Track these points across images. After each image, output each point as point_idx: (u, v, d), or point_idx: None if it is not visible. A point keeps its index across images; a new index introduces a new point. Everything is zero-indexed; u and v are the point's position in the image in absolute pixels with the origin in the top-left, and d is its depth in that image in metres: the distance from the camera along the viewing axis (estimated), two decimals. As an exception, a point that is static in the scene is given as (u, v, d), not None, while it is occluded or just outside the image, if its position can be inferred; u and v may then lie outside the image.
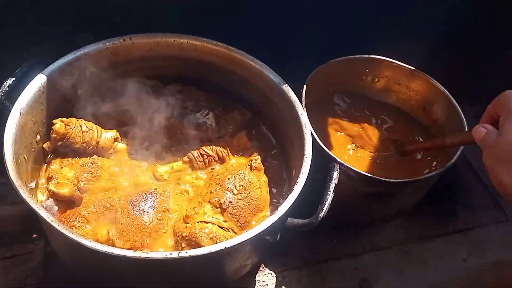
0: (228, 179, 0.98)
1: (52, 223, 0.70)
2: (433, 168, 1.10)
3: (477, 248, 1.18)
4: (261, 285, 1.03)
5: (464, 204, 1.27)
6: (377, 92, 1.25)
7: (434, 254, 1.15)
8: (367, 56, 1.18)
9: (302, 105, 0.99)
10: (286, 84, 1.03)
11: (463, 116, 1.09)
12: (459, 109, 1.10)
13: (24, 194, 0.73)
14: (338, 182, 0.89)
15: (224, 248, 0.73)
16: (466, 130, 1.07)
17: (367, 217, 1.11)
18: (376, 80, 1.23)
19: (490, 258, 1.17)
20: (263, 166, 1.05)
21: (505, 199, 0.69)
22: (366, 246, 1.14)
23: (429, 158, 1.13)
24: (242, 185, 0.97)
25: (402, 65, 1.19)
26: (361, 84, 1.23)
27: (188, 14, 1.13)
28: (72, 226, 0.88)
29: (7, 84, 0.90)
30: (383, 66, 1.20)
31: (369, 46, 1.18)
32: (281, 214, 0.80)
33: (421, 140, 1.19)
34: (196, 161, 1.04)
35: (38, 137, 0.96)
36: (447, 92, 1.14)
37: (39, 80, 0.93)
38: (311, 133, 0.93)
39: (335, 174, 0.87)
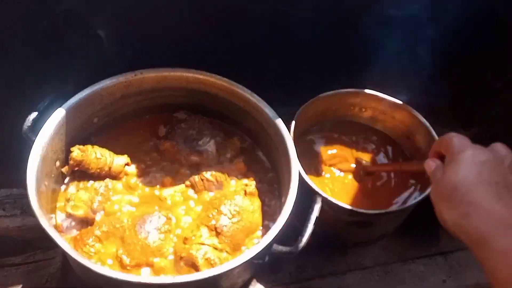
0: (224, 204, 1.09)
1: (68, 251, 0.83)
2: (417, 191, 1.19)
3: (456, 271, 1.26)
4: (252, 299, 1.14)
5: (447, 227, 1.35)
6: (364, 120, 1.34)
7: (414, 274, 1.24)
8: (353, 90, 1.27)
9: (291, 139, 1.09)
10: (279, 118, 1.12)
11: None
12: (437, 139, 1.18)
13: (44, 223, 0.85)
14: (322, 211, 1.00)
15: (214, 274, 0.84)
16: None
17: (352, 240, 1.21)
18: (363, 110, 1.32)
19: (468, 280, 1.24)
20: (258, 189, 1.16)
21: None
22: (351, 265, 1.23)
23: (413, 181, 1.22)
24: (236, 210, 1.08)
25: (386, 98, 1.27)
26: (349, 114, 1.33)
27: (195, 50, 1.23)
28: (85, 244, 1.00)
29: (31, 118, 1.02)
30: (369, 98, 1.29)
31: (352, 79, 1.27)
32: (266, 244, 0.91)
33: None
34: (197, 185, 1.15)
35: (57, 163, 1.08)
36: (427, 123, 1.22)
37: (59, 114, 1.05)
38: (298, 167, 1.03)
39: (316, 207, 0.97)
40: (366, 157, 1.27)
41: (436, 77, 1.47)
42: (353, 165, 1.25)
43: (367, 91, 1.27)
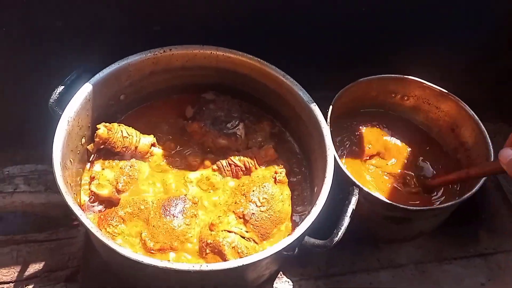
0: (253, 191, 1.03)
1: (92, 229, 0.79)
2: (457, 192, 1.11)
3: (496, 274, 1.18)
4: (278, 292, 1.09)
5: (488, 227, 1.26)
6: (406, 110, 1.25)
7: (450, 276, 1.16)
8: (396, 75, 1.18)
9: (328, 126, 1.02)
10: (315, 103, 1.06)
11: (489, 141, 1.08)
12: (487, 134, 1.09)
13: (69, 201, 0.82)
14: (357, 204, 0.93)
15: (242, 264, 0.79)
16: (492, 155, 1.05)
17: (386, 236, 1.14)
18: (405, 98, 1.23)
19: (508, 285, 1.17)
20: (288, 179, 1.10)
21: None
22: (384, 263, 1.17)
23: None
24: (266, 198, 1.03)
25: (431, 86, 1.18)
26: (390, 102, 1.24)
27: (227, 29, 1.17)
28: (109, 224, 0.97)
29: (58, 91, 0.99)
30: (413, 86, 1.20)
31: (397, 64, 1.19)
32: (298, 235, 0.85)
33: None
34: (224, 170, 1.10)
35: (83, 140, 1.05)
36: (475, 115, 1.13)
37: (86, 89, 1.01)
38: (334, 155, 0.96)
39: (353, 199, 0.91)
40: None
41: (479, 67, 1.37)
42: (392, 162, 1.16)
43: (412, 77, 1.18)
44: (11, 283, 1.13)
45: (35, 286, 1.14)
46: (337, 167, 0.96)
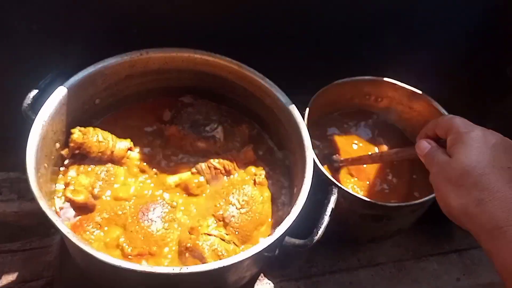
0: (232, 193, 1.03)
1: (68, 235, 0.77)
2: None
3: (470, 269, 1.22)
4: (259, 294, 1.09)
5: (462, 224, 1.30)
6: (380, 111, 1.28)
7: (428, 272, 1.19)
8: (370, 77, 1.21)
9: (305, 126, 1.03)
10: (293, 105, 1.06)
11: None
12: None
13: (44, 206, 0.79)
14: (336, 203, 0.94)
15: (222, 266, 0.79)
16: None
17: (365, 235, 1.16)
18: (379, 99, 1.26)
19: (483, 279, 1.20)
20: (267, 180, 1.10)
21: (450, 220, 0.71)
22: (363, 262, 1.18)
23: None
24: (245, 200, 1.02)
25: (404, 86, 1.21)
26: (365, 103, 1.27)
27: (205, 31, 1.17)
28: (85, 230, 0.95)
29: (31, 96, 0.96)
30: (386, 87, 1.23)
31: (375, 67, 1.21)
32: (278, 235, 0.85)
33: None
34: (204, 173, 1.09)
35: (57, 145, 1.02)
36: (446, 113, 1.16)
37: (61, 93, 0.99)
38: (313, 157, 0.97)
39: (333, 198, 0.92)
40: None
41: (454, 69, 1.41)
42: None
43: (385, 79, 1.21)
44: (-17, 295, 1.09)
45: (9, 297, 1.10)
46: (315, 167, 0.97)
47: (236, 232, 0.99)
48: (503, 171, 0.66)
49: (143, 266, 0.76)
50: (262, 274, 1.12)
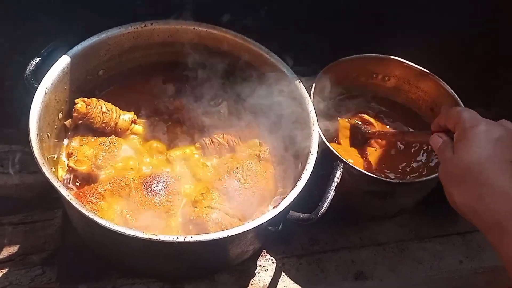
0: (236, 168, 1.02)
1: (71, 201, 0.76)
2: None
3: (474, 252, 1.20)
4: (262, 269, 1.08)
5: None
6: (387, 91, 1.26)
7: (430, 253, 1.18)
8: (377, 55, 1.19)
9: (311, 102, 1.02)
10: (299, 80, 1.05)
11: None
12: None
13: (47, 171, 0.78)
14: (341, 179, 0.93)
15: (227, 236, 0.78)
16: None
17: (368, 214, 1.15)
18: (386, 78, 1.24)
19: (485, 262, 1.19)
20: (272, 156, 1.09)
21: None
22: (365, 241, 1.18)
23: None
24: (249, 175, 1.02)
25: (412, 65, 1.19)
26: (371, 82, 1.25)
27: (212, 5, 1.14)
28: (88, 201, 0.94)
29: (34, 63, 0.95)
30: (393, 65, 1.21)
31: (379, 44, 1.19)
32: (283, 208, 0.85)
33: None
34: (208, 148, 1.08)
35: (60, 114, 1.01)
36: (454, 94, 1.15)
37: (64, 61, 0.98)
38: (319, 131, 0.96)
39: (338, 173, 0.91)
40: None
41: (460, 51, 1.39)
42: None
43: (392, 57, 1.19)
44: (-17, 267, 1.08)
45: (10, 269, 1.09)
46: (321, 143, 0.96)
47: (240, 207, 0.98)
48: (503, 166, 0.67)
49: (147, 234, 0.75)
50: (264, 251, 1.11)
